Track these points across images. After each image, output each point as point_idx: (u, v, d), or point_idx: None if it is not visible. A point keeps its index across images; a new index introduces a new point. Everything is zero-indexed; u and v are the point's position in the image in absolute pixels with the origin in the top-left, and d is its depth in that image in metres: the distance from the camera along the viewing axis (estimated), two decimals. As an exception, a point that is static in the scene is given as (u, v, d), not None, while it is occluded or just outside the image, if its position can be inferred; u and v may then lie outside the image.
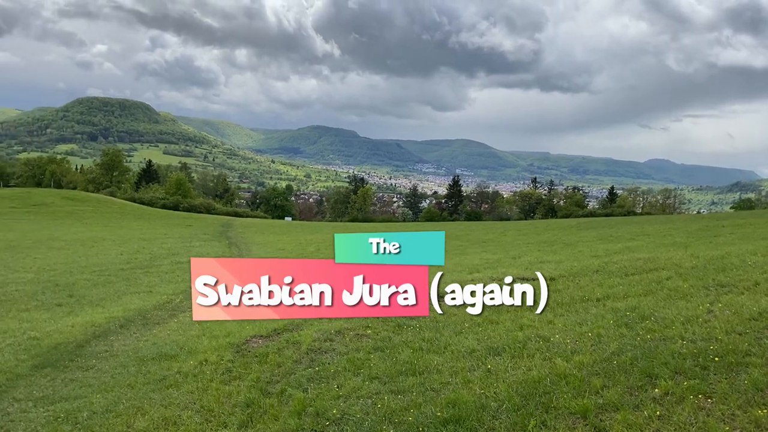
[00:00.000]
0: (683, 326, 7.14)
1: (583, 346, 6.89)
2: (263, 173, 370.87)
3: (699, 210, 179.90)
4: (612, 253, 17.05)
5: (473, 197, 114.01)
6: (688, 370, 5.70)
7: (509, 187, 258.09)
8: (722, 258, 12.12)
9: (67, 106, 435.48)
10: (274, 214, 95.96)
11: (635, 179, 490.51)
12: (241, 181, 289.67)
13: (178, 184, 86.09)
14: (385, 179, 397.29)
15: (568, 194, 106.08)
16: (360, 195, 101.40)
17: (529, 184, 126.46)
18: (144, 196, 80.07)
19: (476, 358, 6.95)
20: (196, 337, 9.48)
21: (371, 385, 6.36)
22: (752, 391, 5.11)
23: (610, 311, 8.37)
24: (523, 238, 29.88)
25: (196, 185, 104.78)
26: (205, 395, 6.60)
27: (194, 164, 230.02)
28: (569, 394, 5.52)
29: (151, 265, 21.09)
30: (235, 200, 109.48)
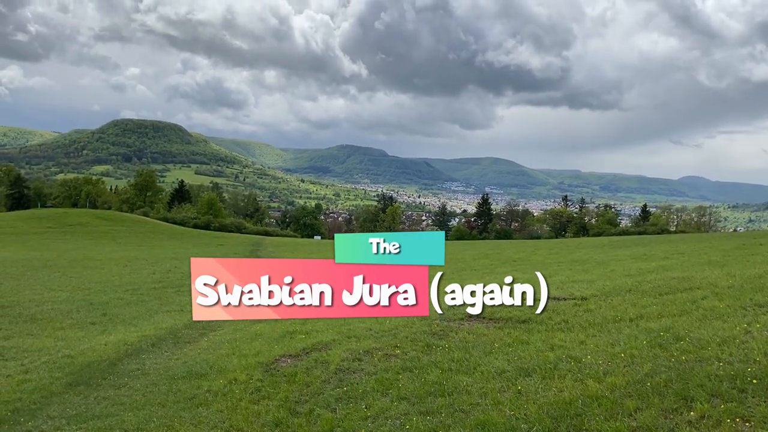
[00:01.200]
0: (719, 347, 6.96)
1: (615, 367, 6.75)
2: (293, 192, 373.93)
3: (735, 228, 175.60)
4: (645, 272, 16.74)
5: (503, 215, 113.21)
6: (725, 392, 5.54)
7: (539, 206, 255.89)
8: (760, 277, 11.81)
9: (102, 128, 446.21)
10: (304, 233, 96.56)
11: (668, 197, 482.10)
12: (271, 200, 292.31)
13: (210, 204, 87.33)
14: (413, 198, 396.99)
15: (600, 212, 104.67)
16: (389, 213, 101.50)
17: (559, 203, 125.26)
18: (176, 215, 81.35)
19: (506, 379, 6.86)
20: (226, 356, 9.54)
21: (400, 406, 6.31)
22: (793, 415, 4.95)
23: (643, 332, 8.20)
24: (554, 257, 29.52)
25: (227, 205, 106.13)
26: (234, 414, 6.63)
27: (225, 184, 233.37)
28: (602, 416, 5.41)
29: (182, 284, 21.35)
30: (265, 219, 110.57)
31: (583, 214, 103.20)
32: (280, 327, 11.56)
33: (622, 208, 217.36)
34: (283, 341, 10.04)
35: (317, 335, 10.07)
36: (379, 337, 9.29)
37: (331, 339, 9.52)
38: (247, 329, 12.08)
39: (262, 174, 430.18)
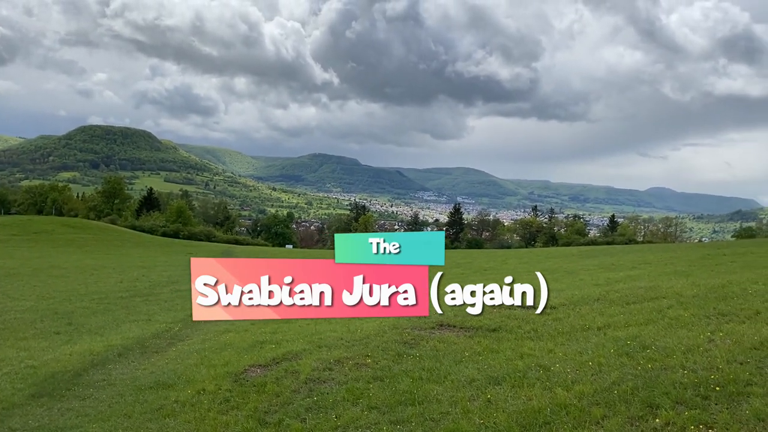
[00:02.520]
0: (684, 355, 7.10)
1: (583, 376, 6.84)
2: (264, 201, 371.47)
3: (700, 238, 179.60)
4: (613, 281, 17.00)
5: (474, 225, 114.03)
6: (689, 399, 5.66)
7: (510, 215, 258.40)
8: (723, 287, 12.09)
9: (69, 134, 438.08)
10: (275, 242, 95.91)
11: (636, 207, 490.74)
12: (242, 208, 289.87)
13: (179, 212, 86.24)
14: (386, 207, 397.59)
15: (569, 222, 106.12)
16: (361, 222, 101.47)
17: (529, 212, 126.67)
18: (145, 223, 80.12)
19: (476, 387, 6.90)
20: (194, 366, 9.41)
21: (370, 415, 6.30)
22: (754, 421, 5.07)
23: (611, 340, 8.33)
24: (524, 267, 29.81)
25: (197, 213, 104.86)
26: (202, 425, 6.54)
27: (195, 192, 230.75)
28: (569, 424, 5.47)
29: (150, 293, 21.04)
30: (235, 228, 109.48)
31: (552, 224, 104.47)
32: (249, 337, 11.45)
33: (591, 219, 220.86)
34: (253, 351, 9.95)
35: (287, 345, 10.01)
36: (350, 347, 9.27)
37: (301, 348, 9.47)
38: (216, 339, 11.94)
39: (232, 182, 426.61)
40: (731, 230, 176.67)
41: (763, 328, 8.02)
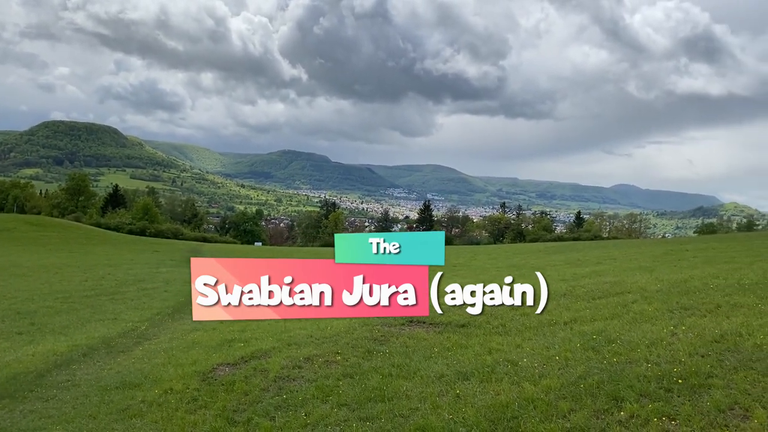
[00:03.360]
0: (648, 349, 7.25)
1: (550, 370, 6.93)
2: (232, 198, 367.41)
3: (664, 234, 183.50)
4: (579, 277, 17.26)
5: (444, 222, 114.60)
6: (653, 392, 5.78)
7: (479, 212, 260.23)
8: (686, 281, 12.38)
9: (32, 130, 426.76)
10: (244, 239, 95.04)
11: (601, 204, 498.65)
12: (210, 205, 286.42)
13: (145, 209, 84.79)
14: (356, 204, 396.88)
15: (536, 219, 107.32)
16: (331, 220, 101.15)
17: (498, 209, 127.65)
18: (110, 221, 78.67)
19: (445, 383, 6.94)
20: (162, 366, 9.29)
21: (340, 413, 6.30)
22: (715, 412, 5.20)
23: (577, 335, 8.46)
24: (492, 263, 30.09)
25: (164, 210, 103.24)
26: (169, 425, 6.46)
27: (162, 189, 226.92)
28: (537, 418, 5.54)
29: (116, 292, 20.69)
30: (203, 225, 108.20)
31: (520, 220, 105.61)
32: (218, 335, 11.34)
33: (557, 215, 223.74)
34: (221, 349, 9.86)
35: (256, 343, 9.94)
36: (320, 344, 9.25)
37: (270, 347, 9.42)
38: (184, 338, 11.81)
39: (200, 179, 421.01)
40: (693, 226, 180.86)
41: (723, 322, 8.23)
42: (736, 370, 6.10)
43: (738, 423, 4.98)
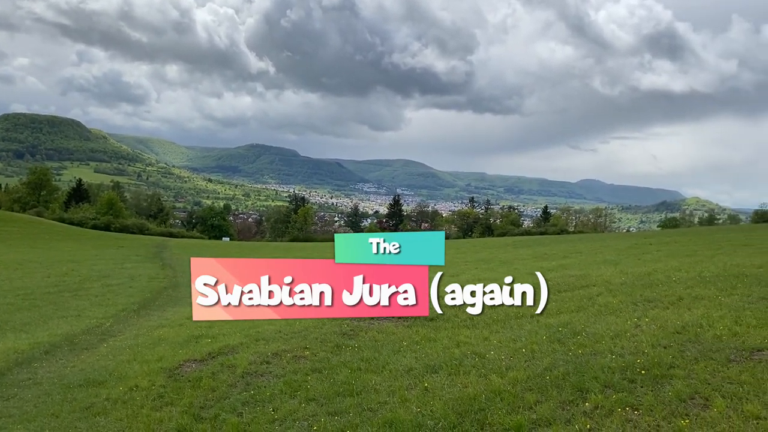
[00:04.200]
0: (612, 341, 7.38)
1: (517, 362, 7.01)
2: (199, 192, 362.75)
3: (628, 228, 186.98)
4: (546, 270, 17.48)
5: (413, 216, 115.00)
6: (617, 383, 5.88)
7: (448, 207, 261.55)
8: (649, 274, 12.63)
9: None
10: (211, 235, 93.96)
11: (568, 199, 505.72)
12: (176, 200, 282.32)
13: (110, 204, 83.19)
14: (326, 199, 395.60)
15: (504, 213, 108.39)
16: (300, 214, 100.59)
17: (467, 204, 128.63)
18: (74, 216, 76.94)
19: (414, 376, 6.98)
20: (127, 363, 9.15)
21: (308, 408, 6.28)
22: (676, 402, 5.31)
23: (543, 327, 8.56)
24: (461, 257, 30.29)
25: (129, 205, 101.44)
26: (134, 422, 6.37)
27: (127, 183, 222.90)
28: (504, 410, 5.60)
29: (80, 288, 20.26)
30: (170, 220, 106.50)
31: (488, 215, 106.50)
32: (184, 331, 11.21)
33: (525, 210, 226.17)
34: (188, 346, 9.75)
35: (224, 339, 9.85)
36: (288, 339, 9.21)
37: (238, 342, 9.34)
38: (149, 334, 11.64)
39: (166, 173, 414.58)
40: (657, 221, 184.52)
41: (685, 313, 8.43)
42: (696, 360, 6.25)
43: (698, 412, 5.10)
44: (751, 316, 7.78)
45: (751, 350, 6.37)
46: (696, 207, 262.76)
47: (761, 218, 74.09)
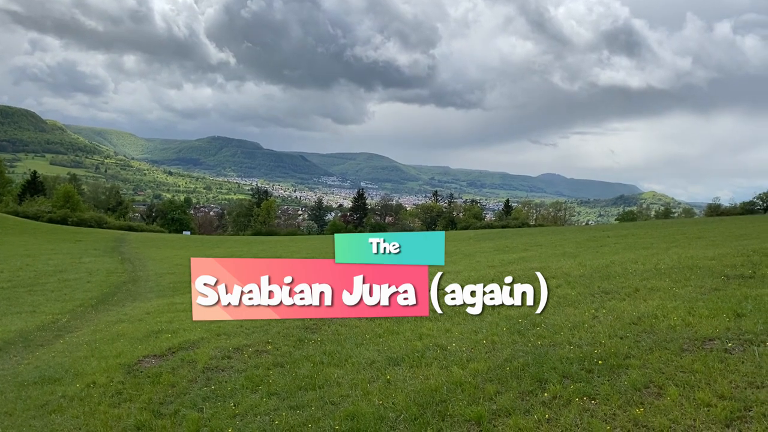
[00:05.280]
0: (571, 332, 7.52)
1: (478, 354, 7.10)
2: (159, 185, 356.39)
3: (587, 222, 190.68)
4: (507, 263, 17.73)
5: (378, 210, 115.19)
6: (575, 373, 6.00)
7: (412, 200, 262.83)
8: (607, 267, 12.90)
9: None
10: (172, 228, 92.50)
11: (529, 192, 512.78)
12: (135, 193, 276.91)
13: (66, 197, 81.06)
14: (289, 192, 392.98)
15: (467, 207, 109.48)
16: (263, 208, 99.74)
17: (430, 198, 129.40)
18: (28, 209, 74.77)
19: (376, 369, 7.00)
20: (84, 359, 8.96)
21: (269, 402, 6.25)
22: (631, 391, 5.45)
23: (504, 319, 8.68)
24: (424, 250, 30.44)
25: (87, 198, 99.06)
26: (92, 420, 6.25)
27: (84, 176, 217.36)
28: (464, 401, 5.67)
29: (35, 283, 19.76)
30: (129, 214, 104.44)
31: (451, 208, 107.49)
32: (144, 326, 11.03)
33: (487, 204, 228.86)
34: (148, 341, 9.60)
35: (184, 333, 9.72)
36: (250, 334, 9.13)
37: (199, 337, 9.23)
38: (108, 329, 11.42)
39: (125, 165, 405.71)
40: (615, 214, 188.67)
41: (641, 305, 8.64)
42: (651, 350, 6.41)
43: (652, 400, 5.24)
44: (703, 306, 8.02)
45: (703, 340, 6.57)
46: (652, 201, 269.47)
47: (714, 212, 76.42)
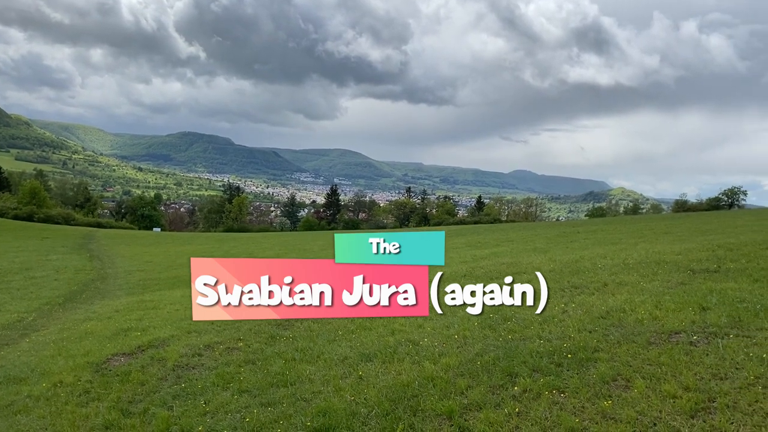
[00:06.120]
0: (541, 326, 7.61)
1: (449, 349, 7.14)
2: (129, 181, 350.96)
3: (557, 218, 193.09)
4: (479, 258, 17.86)
5: (351, 206, 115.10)
6: (545, 367, 6.08)
7: (385, 197, 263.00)
8: (576, 262, 13.08)
9: None
10: (142, 225, 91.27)
11: (501, 189, 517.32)
12: (104, 189, 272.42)
13: (33, 193, 79.41)
14: (262, 188, 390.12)
15: (440, 203, 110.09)
16: (235, 204, 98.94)
17: (404, 194, 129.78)
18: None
19: (348, 365, 7.00)
20: (51, 358, 8.79)
21: (240, 399, 6.21)
22: (600, 384, 5.54)
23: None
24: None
25: (54, 194, 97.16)
26: (58, 420, 6.14)
27: (51, 171, 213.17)
28: (436, 396, 5.70)
29: (0, 281, 19.33)
30: (97, 210, 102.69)
31: (425, 204, 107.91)
32: (113, 324, 10.88)
33: (460, 200, 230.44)
34: (117, 339, 9.46)
35: (154, 331, 9.61)
36: (221, 331, 9.06)
37: (169, 335, 9.13)
38: (76, 328, 11.23)
39: (93, 161, 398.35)
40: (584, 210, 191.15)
41: (609, 299, 8.78)
42: (619, 343, 6.53)
43: (620, 393, 5.33)
44: (670, 300, 8.18)
45: (670, 333, 6.70)
46: (621, 197, 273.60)
47: (681, 208, 77.97)
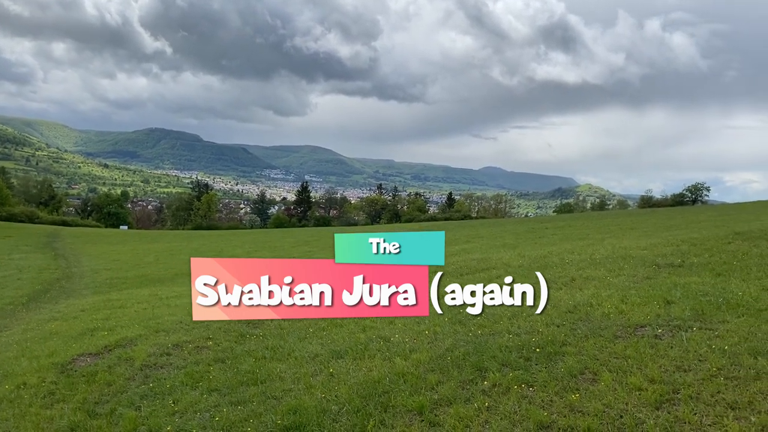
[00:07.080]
0: (510, 321, 7.69)
1: (420, 345, 7.17)
2: (95, 179, 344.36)
3: (526, 214, 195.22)
4: (449, 254, 17.95)
5: (322, 203, 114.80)
6: (514, 361, 6.15)
7: (356, 194, 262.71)
8: (545, 257, 13.24)
9: None
10: (108, 223, 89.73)
11: (471, 185, 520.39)
12: (69, 187, 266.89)
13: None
14: (231, 185, 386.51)
15: (411, 200, 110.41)
16: (204, 202, 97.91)
17: (375, 191, 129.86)
18: (-48, 204, 71.18)
19: (319, 362, 6.98)
20: (14, 359, 8.60)
21: (210, 398, 6.15)
22: (567, 377, 5.62)
23: (445, 309, 8.78)
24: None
25: (17, 192, 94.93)
26: (22, 422, 6.01)
27: (14, 168, 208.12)
28: (407, 391, 5.72)
29: (-41, 282, 18.83)
30: (62, 208, 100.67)
31: (396, 201, 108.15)
32: (79, 324, 10.68)
33: (431, 196, 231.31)
34: (83, 339, 9.29)
35: (121, 331, 9.46)
36: (190, 330, 8.96)
37: (137, 334, 9.00)
38: (40, 328, 11.00)
39: (58, 158, 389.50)
40: (553, 206, 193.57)
41: (577, 294, 8.91)
42: (586, 337, 6.63)
43: (587, 386, 5.42)
44: (635, 294, 8.34)
45: (635, 326, 6.83)
46: (588, 193, 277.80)
47: (647, 204, 79.49)
